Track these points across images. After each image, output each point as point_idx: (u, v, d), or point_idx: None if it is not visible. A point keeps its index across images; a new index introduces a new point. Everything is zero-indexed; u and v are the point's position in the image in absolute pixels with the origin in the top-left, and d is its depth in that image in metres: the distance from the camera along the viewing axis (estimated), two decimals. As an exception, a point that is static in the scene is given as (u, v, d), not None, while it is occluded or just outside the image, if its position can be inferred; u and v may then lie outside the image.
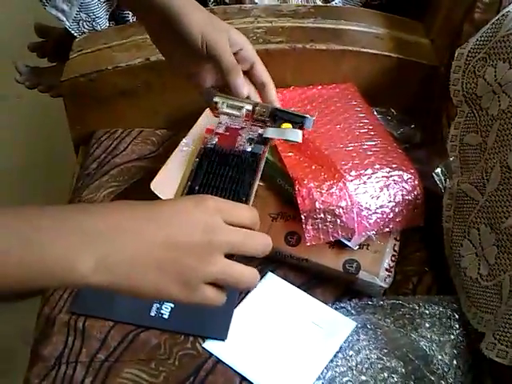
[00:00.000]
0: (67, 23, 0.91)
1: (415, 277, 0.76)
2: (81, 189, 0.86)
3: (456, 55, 0.74)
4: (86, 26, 0.93)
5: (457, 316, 0.69)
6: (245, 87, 0.57)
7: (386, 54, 0.83)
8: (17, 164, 1.41)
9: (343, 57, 0.83)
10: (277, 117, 0.58)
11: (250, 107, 0.59)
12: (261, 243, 0.47)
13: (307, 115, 0.58)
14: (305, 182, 0.70)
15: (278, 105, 0.60)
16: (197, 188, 0.53)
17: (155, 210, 0.44)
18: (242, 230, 0.45)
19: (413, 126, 0.85)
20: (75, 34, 0.93)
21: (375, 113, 0.84)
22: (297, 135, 0.57)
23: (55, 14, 0.90)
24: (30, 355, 0.70)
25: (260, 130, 0.58)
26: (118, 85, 0.87)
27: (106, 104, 0.89)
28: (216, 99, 0.59)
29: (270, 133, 0.57)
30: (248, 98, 0.60)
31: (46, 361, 0.68)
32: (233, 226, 0.45)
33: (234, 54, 0.58)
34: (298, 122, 0.58)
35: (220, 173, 0.54)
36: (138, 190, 0.83)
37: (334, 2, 0.95)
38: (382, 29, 0.87)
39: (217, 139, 0.57)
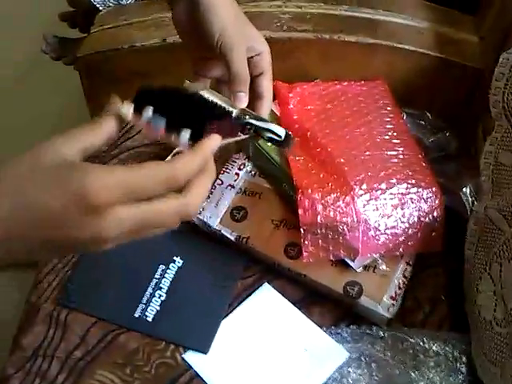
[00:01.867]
0: (92, -5, 0.87)
1: (428, 305, 0.68)
2: (88, 171, 0.83)
3: (501, 60, 0.64)
4: (111, 0, 0.88)
5: (464, 359, 0.62)
6: (245, 102, 0.52)
7: (425, 51, 0.74)
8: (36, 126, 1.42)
9: (375, 51, 0.75)
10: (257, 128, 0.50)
11: (235, 113, 0.51)
12: (172, 215, 0.39)
13: (286, 131, 0.50)
14: (309, 192, 0.64)
15: (267, 109, 0.54)
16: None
17: (28, 201, 0.36)
18: (136, 210, 0.37)
19: (447, 133, 0.76)
20: (100, 8, 0.89)
21: (405, 116, 0.75)
22: (280, 129, 0.50)
23: (79, -14, 0.86)
24: (12, 343, 0.69)
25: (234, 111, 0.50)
26: (133, 65, 0.82)
27: (120, 83, 0.84)
28: (204, 94, 0.50)
29: (253, 118, 0.50)
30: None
31: (24, 351, 0.66)
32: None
33: (249, 58, 0.54)
34: (274, 138, 0.50)
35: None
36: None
37: (377, -13, 0.86)
38: (425, 22, 0.77)
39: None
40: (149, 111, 0.44)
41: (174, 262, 0.70)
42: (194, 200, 0.39)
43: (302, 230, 0.63)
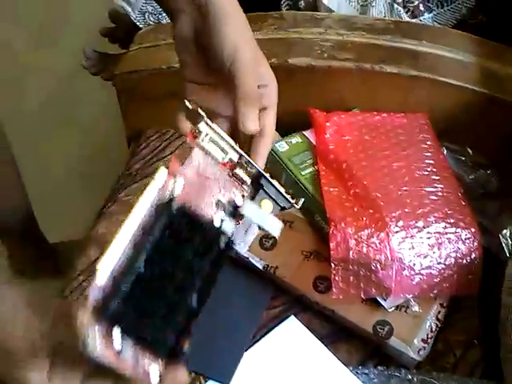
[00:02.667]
0: (133, 14, 0.88)
1: (459, 349, 0.65)
2: (119, 189, 0.82)
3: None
4: (151, 19, 0.89)
5: (497, 410, 0.59)
6: (255, 123, 0.46)
7: (468, 86, 0.72)
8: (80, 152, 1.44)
9: (417, 84, 0.73)
10: (260, 186, 0.44)
11: (235, 157, 0.44)
12: None
13: (294, 202, 0.46)
14: (342, 226, 0.62)
15: (262, 163, 0.47)
16: (139, 268, 0.37)
17: None
18: None
19: (489, 171, 0.73)
20: (140, 26, 0.89)
21: (445, 151, 0.73)
22: (276, 228, 0.44)
23: (121, 5, 0.87)
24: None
25: (236, 198, 0.43)
26: (170, 85, 0.81)
27: (156, 103, 0.85)
28: (201, 127, 0.42)
29: (248, 210, 0.43)
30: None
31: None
32: None
33: None
34: (281, 205, 0.45)
35: (176, 253, 0.39)
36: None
37: (422, 18, 0.84)
38: (471, 56, 0.75)
39: (181, 188, 0.40)
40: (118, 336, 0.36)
41: (199, 287, 0.69)
42: None
43: (332, 264, 0.61)
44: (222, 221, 0.41)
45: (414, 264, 0.61)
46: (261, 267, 0.68)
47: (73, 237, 1.18)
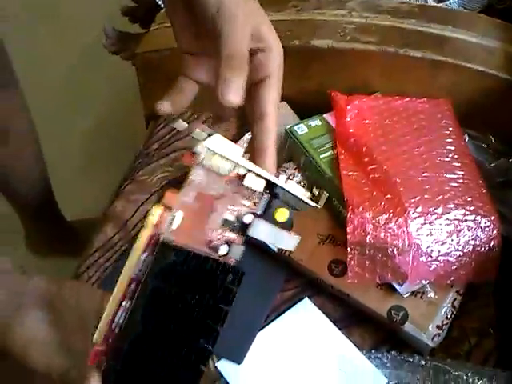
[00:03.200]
0: (154, -8, 0.87)
1: (474, 337, 0.64)
2: (137, 168, 0.83)
3: None
4: (174, -2, 0.88)
5: (510, 400, 0.58)
6: (237, 93, 0.37)
7: (494, 72, 0.70)
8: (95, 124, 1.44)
9: (441, 69, 0.72)
10: (275, 195, 0.38)
11: (242, 171, 0.37)
12: None
13: (313, 205, 0.41)
14: (359, 210, 0.61)
15: (273, 160, 0.41)
16: (139, 331, 0.34)
17: None
18: None
19: (511, 159, 0.72)
20: (162, 5, 0.89)
21: (467, 138, 0.72)
22: (291, 244, 0.40)
23: (143, -17, 0.86)
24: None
25: (245, 217, 0.38)
26: (191, 65, 0.81)
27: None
28: (198, 149, 0.36)
29: (259, 231, 0.38)
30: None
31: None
32: None
33: (252, 53, 0.40)
34: (299, 210, 0.40)
35: (175, 295, 0.35)
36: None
37: (448, 2, 0.82)
38: (496, 41, 0.73)
39: (179, 223, 0.36)
40: None
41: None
42: None
43: (349, 248, 0.61)
44: (229, 246, 0.38)
45: (432, 250, 0.61)
46: (275, 250, 0.67)
47: (90, 216, 1.19)
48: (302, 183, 0.71)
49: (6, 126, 0.98)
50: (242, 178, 0.38)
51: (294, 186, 0.39)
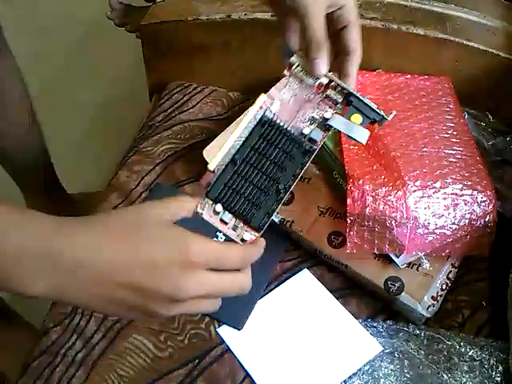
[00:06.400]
0: (161, -35, 0.87)
1: (468, 309, 0.67)
2: (141, 139, 0.84)
3: None
4: (179, -29, 0.88)
5: (501, 368, 0.60)
6: (324, 67, 0.49)
7: (494, 51, 0.72)
8: (100, 99, 1.45)
9: (443, 47, 0.73)
10: (351, 102, 0.50)
11: (325, 80, 0.50)
12: (236, 288, 0.43)
13: (384, 114, 0.50)
14: (360, 183, 0.63)
15: (353, 82, 0.52)
16: (237, 160, 0.46)
17: (133, 249, 0.40)
18: (215, 278, 0.41)
19: (508, 138, 0.74)
20: (167, -22, 0.89)
21: (466, 115, 0.73)
22: (363, 136, 0.49)
23: (149, -45, 0.86)
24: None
25: (326, 113, 0.50)
26: (196, 38, 0.82)
27: (182, 56, 0.86)
28: (293, 59, 0.51)
29: (336, 122, 0.49)
30: None
31: (64, 307, 0.68)
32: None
33: (331, 13, 0.49)
34: (370, 117, 0.50)
35: (267, 152, 0.47)
36: (194, 153, 0.79)
37: (452, -19, 0.83)
38: (498, 21, 0.75)
39: (278, 107, 0.49)
40: (220, 209, 0.46)
41: (216, 237, 0.70)
42: (248, 278, 0.44)
43: (348, 220, 0.63)
44: (311, 131, 0.49)
45: (429, 223, 0.62)
46: (277, 221, 0.69)
47: (93, 189, 1.20)
48: None
49: (1, 97, 0.97)
50: (325, 87, 0.50)
51: (367, 100, 0.50)
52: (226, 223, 0.46)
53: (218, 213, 0.46)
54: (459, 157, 0.66)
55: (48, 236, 0.39)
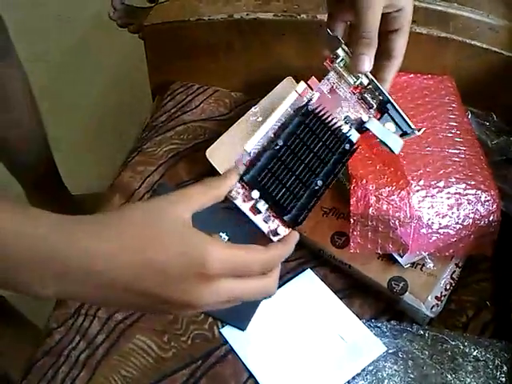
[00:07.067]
0: (163, -35, 0.87)
1: (472, 310, 0.66)
2: (144, 140, 0.84)
3: None
4: (181, -29, 0.88)
5: (505, 369, 0.60)
6: (369, 64, 0.48)
7: (497, 50, 0.71)
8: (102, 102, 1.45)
9: (445, 46, 0.72)
10: (386, 110, 0.50)
11: (365, 81, 0.50)
12: (259, 294, 0.42)
13: (415, 128, 0.50)
14: (363, 182, 0.63)
15: (387, 88, 0.51)
16: (280, 145, 0.44)
17: (148, 261, 0.38)
18: (234, 285, 0.40)
19: (512, 137, 0.73)
20: (170, -21, 0.89)
21: (470, 115, 0.73)
22: (397, 145, 0.49)
23: (151, -44, 0.87)
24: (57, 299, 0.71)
25: (363, 116, 0.49)
26: (199, 39, 0.82)
27: (184, 56, 0.86)
28: (339, 52, 0.49)
29: (374, 126, 0.49)
30: None
31: (68, 308, 0.68)
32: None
33: (387, 13, 0.49)
34: (403, 128, 0.50)
35: (311, 143, 0.45)
36: (198, 153, 0.79)
37: (454, -20, 0.83)
38: (501, 20, 0.74)
39: (317, 97, 0.47)
40: (256, 195, 0.43)
41: (220, 237, 0.70)
42: (274, 281, 0.42)
43: (352, 220, 0.63)
44: (348, 130, 0.48)
45: (433, 223, 0.62)
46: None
47: (94, 190, 1.20)
48: None
49: (4, 90, 0.97)
50: (363, 91, 0.50)
51: (401, 110, 0.50)
52: (259, 212, 0.43)
53: (251, 199, 0.43)
54: (463, 156, 0.66)
55: (58, 241, 0.37)
